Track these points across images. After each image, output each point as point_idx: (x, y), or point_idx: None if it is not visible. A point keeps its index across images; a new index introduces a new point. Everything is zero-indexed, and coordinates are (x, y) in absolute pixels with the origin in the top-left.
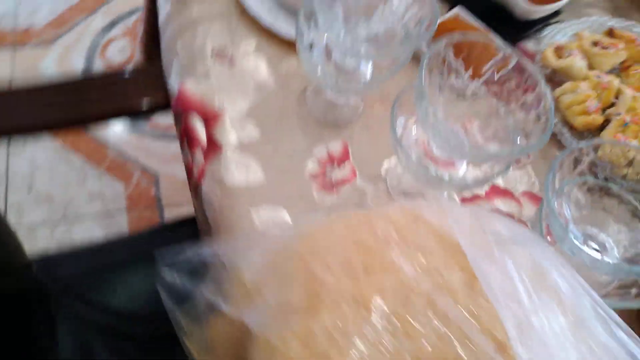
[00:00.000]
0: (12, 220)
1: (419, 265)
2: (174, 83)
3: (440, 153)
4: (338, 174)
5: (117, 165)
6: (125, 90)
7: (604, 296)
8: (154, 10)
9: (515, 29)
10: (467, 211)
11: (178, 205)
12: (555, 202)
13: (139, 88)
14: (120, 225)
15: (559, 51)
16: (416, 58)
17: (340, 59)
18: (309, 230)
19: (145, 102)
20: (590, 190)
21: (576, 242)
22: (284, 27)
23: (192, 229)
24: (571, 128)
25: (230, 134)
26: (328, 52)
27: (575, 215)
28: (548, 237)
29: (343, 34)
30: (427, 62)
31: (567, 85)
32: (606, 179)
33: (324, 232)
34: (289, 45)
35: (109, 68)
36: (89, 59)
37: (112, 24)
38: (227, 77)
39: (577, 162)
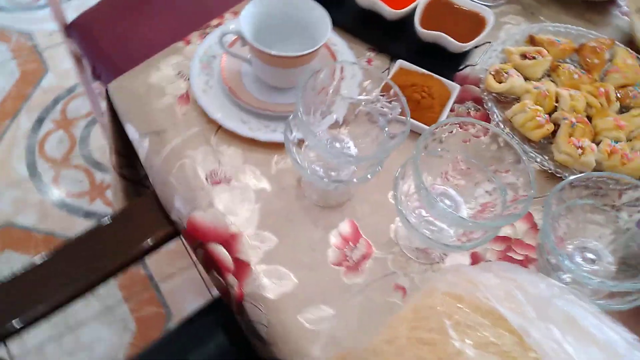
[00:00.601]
0: (16, 349)
1: (477, 341)
2: (180, 217)
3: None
4: (357, 253)
5: None
6: (128, 239)
7: (604, 298)
8: (122, 139)
9: (452, 62)
10: (493, 277)
11: (171, 276)
12: (554, 237)
13: (139, 231)
14: (125, 315)
15: (498, 75)
16: None
17: (325, 158)
18: (375, 343)
19: (151, 242)
20: (572, 210)
21: (585, 274)
22: (262, 132)
23: (209, 318)
24: (530, 141)
25: (252, 249)
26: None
27: (566, 231)
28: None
29: (321, 133)
30: (418, 152)
31: (516, 107)
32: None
33: (389, 340)
34: (270, 146)
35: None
36: (31, 162)
37: (39, 121)
38: (229, 197)
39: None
